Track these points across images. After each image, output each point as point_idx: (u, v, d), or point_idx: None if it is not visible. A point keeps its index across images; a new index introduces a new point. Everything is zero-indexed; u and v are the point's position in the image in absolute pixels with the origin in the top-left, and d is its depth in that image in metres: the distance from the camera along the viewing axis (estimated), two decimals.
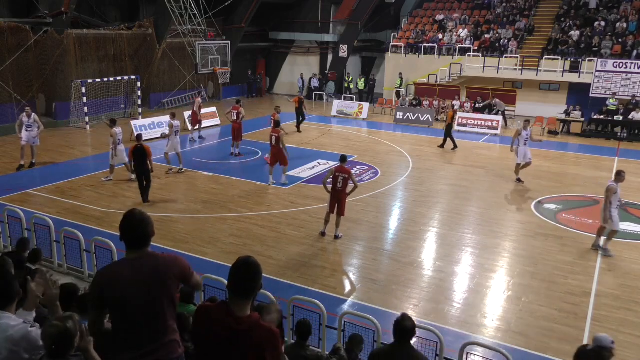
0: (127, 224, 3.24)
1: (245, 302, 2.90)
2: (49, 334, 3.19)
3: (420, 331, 6.94)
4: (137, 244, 3.26)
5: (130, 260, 3.26)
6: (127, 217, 3.26)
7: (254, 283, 2.92)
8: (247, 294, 2.91)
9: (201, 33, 24.49)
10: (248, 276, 2.91)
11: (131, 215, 3.27)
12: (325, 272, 9.86)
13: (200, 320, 3.01)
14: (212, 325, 2.90)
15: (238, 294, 2.90)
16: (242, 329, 2.82)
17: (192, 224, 12.11)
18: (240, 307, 2.88)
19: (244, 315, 2.87)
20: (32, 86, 21.62)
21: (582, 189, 15.34)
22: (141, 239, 3.25)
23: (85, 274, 9.17)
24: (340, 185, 11.14)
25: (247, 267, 2.92)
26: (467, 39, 29.03)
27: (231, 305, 2.89)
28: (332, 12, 33.03)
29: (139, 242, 3.26)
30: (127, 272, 3.22)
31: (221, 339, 2.87)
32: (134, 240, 3.25)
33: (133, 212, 3.29)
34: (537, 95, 27.31)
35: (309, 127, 24.05)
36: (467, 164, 18.02)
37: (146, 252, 3.28)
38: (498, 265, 10.40)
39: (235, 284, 2.90)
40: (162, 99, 27.38)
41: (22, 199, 13.34)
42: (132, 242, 3.25)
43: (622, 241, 11.61)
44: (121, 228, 3.25)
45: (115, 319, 3.34)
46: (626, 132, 22.50)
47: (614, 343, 4.98)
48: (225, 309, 2.89)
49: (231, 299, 2.93)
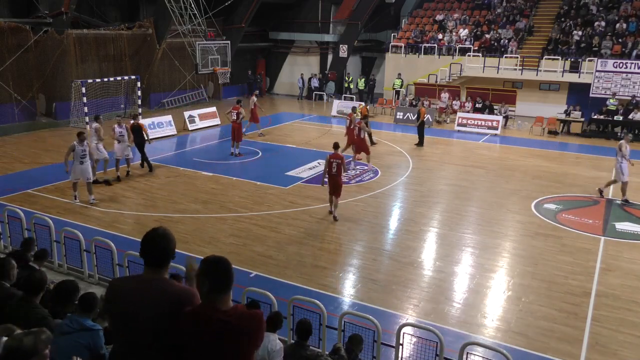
0: (149, 238, 3.11)
1: (224, 296, 3.00)
2: (6, 345, 2.96)
3: (420, 331, 6.97)
4: (153, 261, 3.11)
5: (143, 280, 3.13)
6: (149, 232, 3.14)
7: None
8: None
9: (201, 33, 24.49)
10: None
11: (154, 231, 3.15)
12: (325, 272, 9.86)
13: (189, 320, 3.03)
14: (202, 325, 2.96)
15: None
16: (230, 320, 2.92)
17: (192, 224, 12.11)
18: (222, 301, 2.98)
19: (228, 308, 2.98)
20: (32, 86, 21.62)
21: (582, 189, 15.34)
22: (159, 256, 3.10)
23: (85, 274, 9.17)
24: (335, 170, 12.23)
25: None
26: (467, 39, 29.04)
27: (215, 301, 2.97)
28: (332, 12, 33.04)
29: (156, 260, 3.10)
30: (134, 291, 3.08)
31: (213, 335, 2.94)
32: (151, 256, 3.10)
33: (157, 228, 3.17)
34: (537, 95, 27.32)
35: (309, 127, 24.07)
36: (467, 164, 18.02)
37: (162, 275, 3.12)
38: (498, 265, 10.40)
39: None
40: (162, 99, 27.39)
41: (22, 199, 13.34)
42: (150, 258, 3.11)
43: (622, 241, 11.61)
44: (142, 242, 3.13)
45: (115, 336, 3.25)
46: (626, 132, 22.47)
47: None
48: (210, 307, 2.97)
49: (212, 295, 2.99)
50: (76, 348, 4.12)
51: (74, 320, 4.29)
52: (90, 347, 4.19)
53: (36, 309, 4.47)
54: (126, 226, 11.83)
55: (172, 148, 19.74)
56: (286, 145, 20.31)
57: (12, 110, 20.92)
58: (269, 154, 18.93)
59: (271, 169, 16.87)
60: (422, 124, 20.49)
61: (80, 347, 4.16)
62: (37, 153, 17.71)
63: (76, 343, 4.16)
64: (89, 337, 4.23)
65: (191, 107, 26.36)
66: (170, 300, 3.01)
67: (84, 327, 4.26)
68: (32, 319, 4.27)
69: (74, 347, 4.11)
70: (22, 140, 19.99)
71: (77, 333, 4.22)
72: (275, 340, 5.54)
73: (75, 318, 4.31)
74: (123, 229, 11.60)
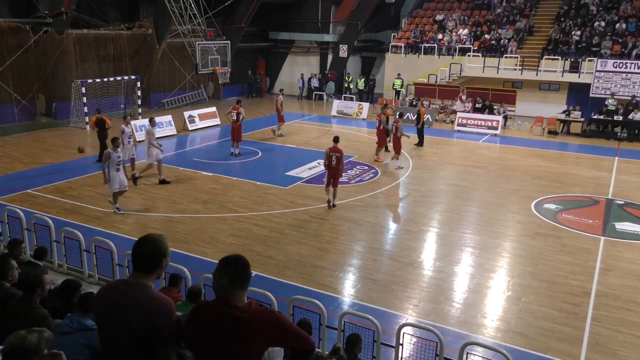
0: (138, 241, 3.10)
1: (241, 292, 2.98)
2: (7, 342, 2.95)
3: (420, 331, 6.97)
4: (137, 265, 3.09)
5: (125, 282, 3.15)
6: (143, 236, 3.15)
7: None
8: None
9: (201, 33, 24.48)
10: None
11: (147, 235, 3.14)
12: (325, 272, 9.86)
13: (200, 316, 3.03)
14: (214, 319, 2.95)
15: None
16: (244, 317, 2.91)
17: (192, 224, 12.11)
18: (238, 297, 2.97)
19: (243, 304, 2.97)
20: (32, 86, 21.62)
21: (582, 189, 15.34)
22: (143, 261, 3.06)
23: (85, 274, 9.17)
24: (334, 163, 12.93)
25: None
26: (467, 39, 29.04)
27: (229, 297, 2.96)
28: (332, 12, 33.03)
29: (139, 264, 3.08)
30: (114, 292, 3.10)
31: (224, 331, 2.93)
32: (136, 259, 3.08)
33: (151, 234, 3.16)
34: (537, 95, 27.31)
35: (309, 127, 24.06)
36: (467, 164, 18.02)
37: (144, 281, 3.05)
38: (498, 265, 10.40)
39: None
40: (162, 99, 27.39)
41: (22, 199, 13.34)
42: (135, 261, 3.09)
43: (622, 241, 11.61)
44: (133, 247, 3.13)
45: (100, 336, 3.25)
46: (626, 132, 22.51)
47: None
48: (224, 302, 2.96)
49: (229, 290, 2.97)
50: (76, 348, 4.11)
51: (74, 320, 4.29)
52: (90, 347, 4.19)
53: (36, 309, 4.47)
54: (126, 226, 11.83)
55: (172, 148, 19.72)
56: (286, 145, 20.32)
57: (12, 110, 20.93)
58: (269, 154, 18.93)
59: (271, 169, 16.88)
60: (422, 125, 20.53)
61: (80, 346, 4.15)
62: (37, 153, 17.71)
63: (76, 343, 4.15)
64: (89, 337, 4.22)
65: (191, 107, 26.36)
66: (146, 306, 2.98)
67: (83, 326, 4.25)
68: (32, 318, 4.26)
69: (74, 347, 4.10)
70: (22, 140, 19.99)
71: (77, 333, 4.22)
72: None
73: (76, 318, 4.30)
74: (123, 229, 11.60)
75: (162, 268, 3.10)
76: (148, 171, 15.35)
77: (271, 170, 16.75)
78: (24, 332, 2.99)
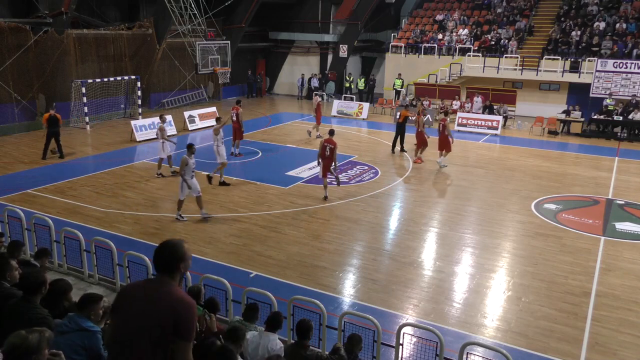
0: (160, 244, 3.30)
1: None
2: (8, 342, 2.99)
3: (420, 331, 6.97)
4: (157, 266, 3.27)
5: (155, 281, 3.29)
6: (162, 242, 3.35)
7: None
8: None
9: (201, 33, 24.48)
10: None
11: (168, 240, 3.35)
12: (325, 272, 9.86)
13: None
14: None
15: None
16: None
17: (192, 223, 12.11)
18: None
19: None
20: (32, 86, 21.60)
21: (582, 189, 15.34)
22: (161, 263, 3.24)
23: (85, 274, 9.16)
24: (328, 154, 13.49)
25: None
26: (467, 39, 29.04)
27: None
28: (332, 12, 33.03)
29: (158, 266, 3.26)
30: (134, 289, 3.32)
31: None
32: (156, 261, 3.27)
33: (172, 239, 3.38)
34: (537, 95, 27.32)
35: (309, 127, 24.03)
36: (467, 164, 18.02)
37: (165, 280, 3.22)
38: (498, 265, 10.40)
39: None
40: (162, 99, 27.39)
41: (22, 199, 13.34)
42: (155, 265, 3.28)
43: (622, 241, 11.61)
44: (154, 251, 3.33)
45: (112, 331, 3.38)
46: (626, 132, 22.51)
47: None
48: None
49: None
50: (72, 348, 4.13)
51: (73, 320, 4.30)
52: (86, 348, 4.19)
53: (36, 309, 4.47)
54: (126, 226, 11.83)
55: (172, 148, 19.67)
56: (286, 145, 20.32)
57: (12, 110, 20.92)
58: (269, 154, 18.93)
59: (271, 169, 16.87)
60: (402, 125, 19.19)
61: (77, 347, 4.17)
62: (37, 153, 17.69)
63: (73, 343, 4.16)
64: (86, 338, 4.23)
65: (191, 107, 26.37)
66: (174, 302, 3.14)
67: (81, 327, 4.26)
68: (32, 318, 4.26)
69: (71, 347, 4.11)
70: (22, 140, 19.99)
71: (74, 333, 4.22)
72: (275, 340, 5.55)
73: (74, 318, 4.31)
74: (123, 229, 11.60)
75: (180, 271, 3.27)
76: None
77: (271, 170, 16.74)
78: (25, 332, 3.01)
